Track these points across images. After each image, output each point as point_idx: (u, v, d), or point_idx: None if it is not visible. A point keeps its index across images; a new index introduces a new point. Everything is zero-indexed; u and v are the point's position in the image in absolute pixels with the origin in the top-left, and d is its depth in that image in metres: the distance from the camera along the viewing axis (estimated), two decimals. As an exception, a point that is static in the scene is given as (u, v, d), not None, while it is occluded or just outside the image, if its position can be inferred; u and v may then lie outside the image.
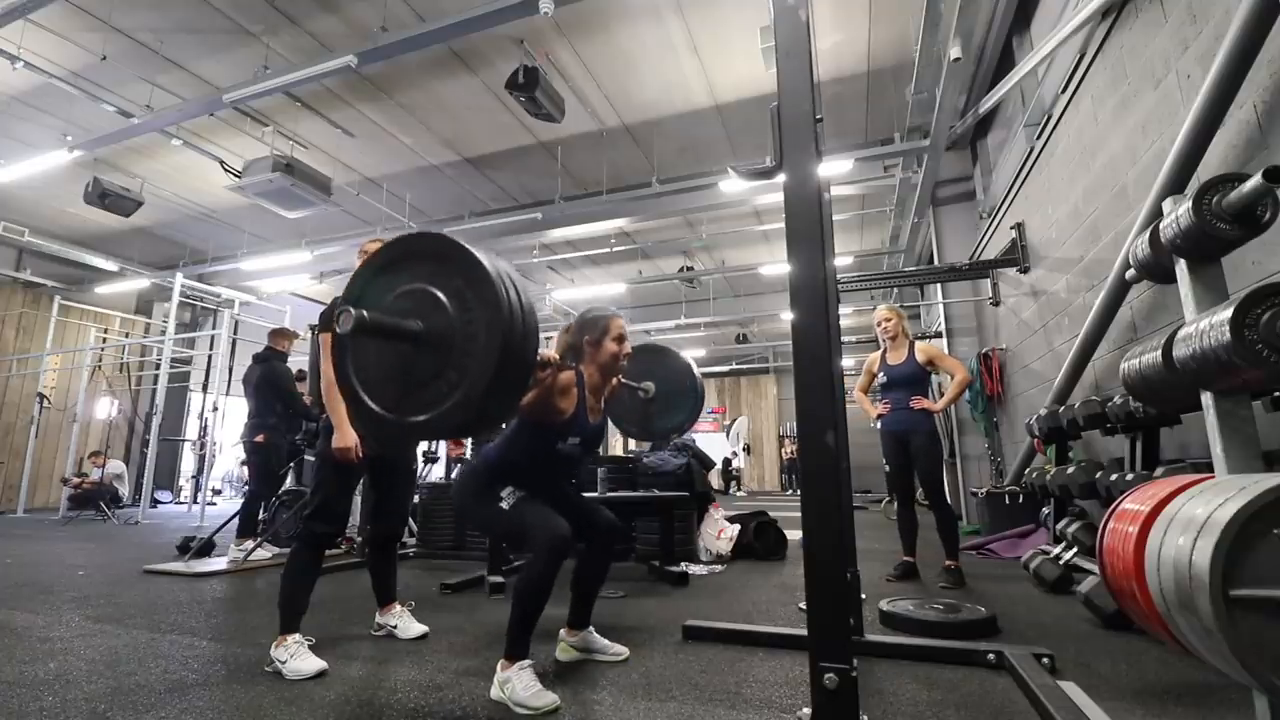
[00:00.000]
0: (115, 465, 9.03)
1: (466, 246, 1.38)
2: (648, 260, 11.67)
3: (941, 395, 3.70)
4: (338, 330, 1.32)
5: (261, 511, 4.61)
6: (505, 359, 1.31)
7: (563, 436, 1.97)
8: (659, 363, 2.62)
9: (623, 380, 2.35)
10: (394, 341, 1.40)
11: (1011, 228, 5.62)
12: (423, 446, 2.78)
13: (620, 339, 2.08)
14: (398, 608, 2.47)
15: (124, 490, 8.97)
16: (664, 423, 2.60)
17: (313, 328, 4.81)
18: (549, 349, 1.96)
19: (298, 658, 1.97)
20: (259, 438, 4.56)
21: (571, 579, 2.14)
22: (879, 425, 3.67)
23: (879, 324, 3.69)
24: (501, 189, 8.71)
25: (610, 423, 2.60)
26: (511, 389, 1.41)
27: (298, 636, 2.05)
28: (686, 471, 4.67)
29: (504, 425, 2.00)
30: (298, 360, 5.10)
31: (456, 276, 1.37)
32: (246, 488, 4.80)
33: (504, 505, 1.87)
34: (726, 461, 15.58)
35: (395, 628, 2.41)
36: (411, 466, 2.57)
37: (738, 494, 14.79)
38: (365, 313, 1.32)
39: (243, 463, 4.75)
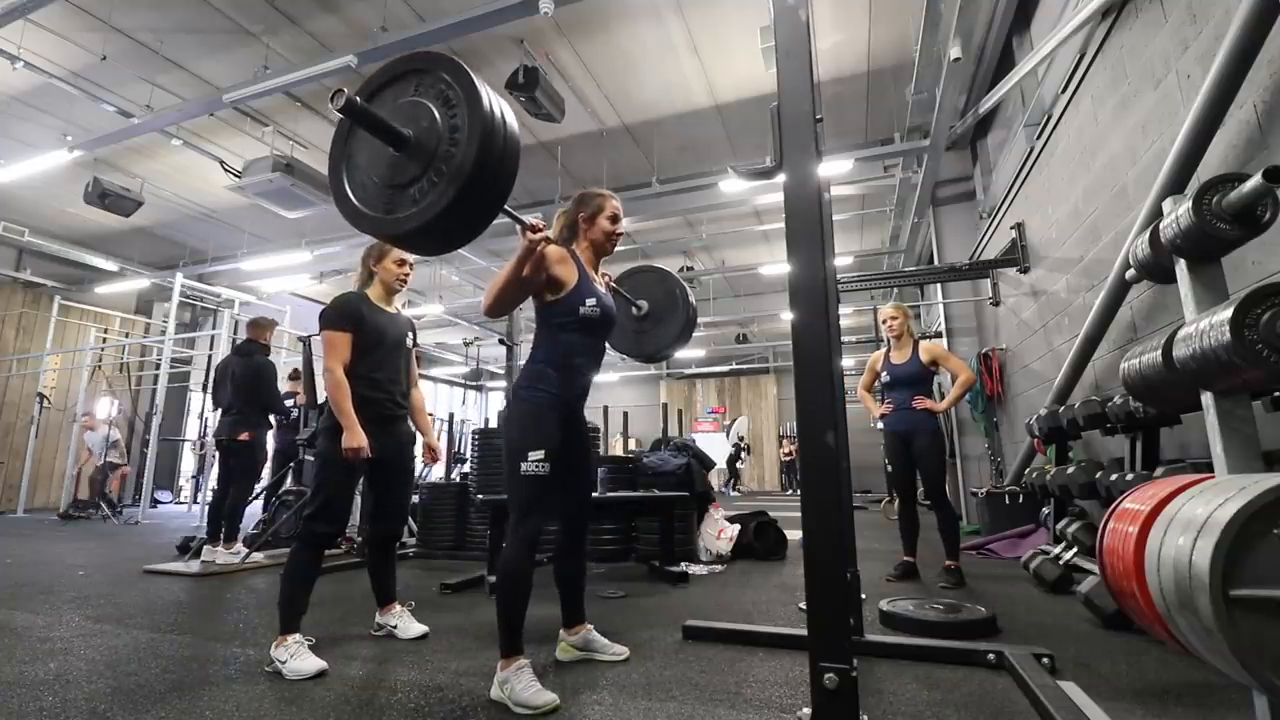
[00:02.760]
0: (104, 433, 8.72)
1: (462, 64, 1.46)
2: (648, 260, 11.66)
3: (944, 395, 3.70)
4: (332, 106, 1.39)
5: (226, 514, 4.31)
6: (482, 163, 1.38)
7: (581, 300, 1.96)
8: (655, 283, 2.64)
9: (618, 288, 2.37)
10: (383, 143, 1.47)
11: (1011, 228, 5.62)
12: (418, 449, 2.78)
13: (614, 219, 2.09)
14: (398, 608, 2.46)
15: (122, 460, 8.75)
16: (656, 342, 2.62)
17: (302, 339, 4.84)
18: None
19: (298, 658, 1.97)
20: (243, 435, 4.31)
21: (554, 576, 2.15)
22: (881, 425, 3.67)
23: (884, 322, 3.69)
24: (501, 189, 8.69)
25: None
26: (487, 196, 1.46)
27: (298, 636, 2.04)
28: (686, 471, 4.67)
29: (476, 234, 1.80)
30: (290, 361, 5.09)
31: (446, 87, 1.45)
32: (216, 487, 4.50)
33: (523, 467, 1.85)
34: (736, 452, 15.51)
35: (395, 628, 2.41)
36: (410, 466, 2.57)
37: (733, 494, 14.76)
38: (357, 98, 1.40)
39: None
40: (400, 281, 2.49)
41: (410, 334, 2.55)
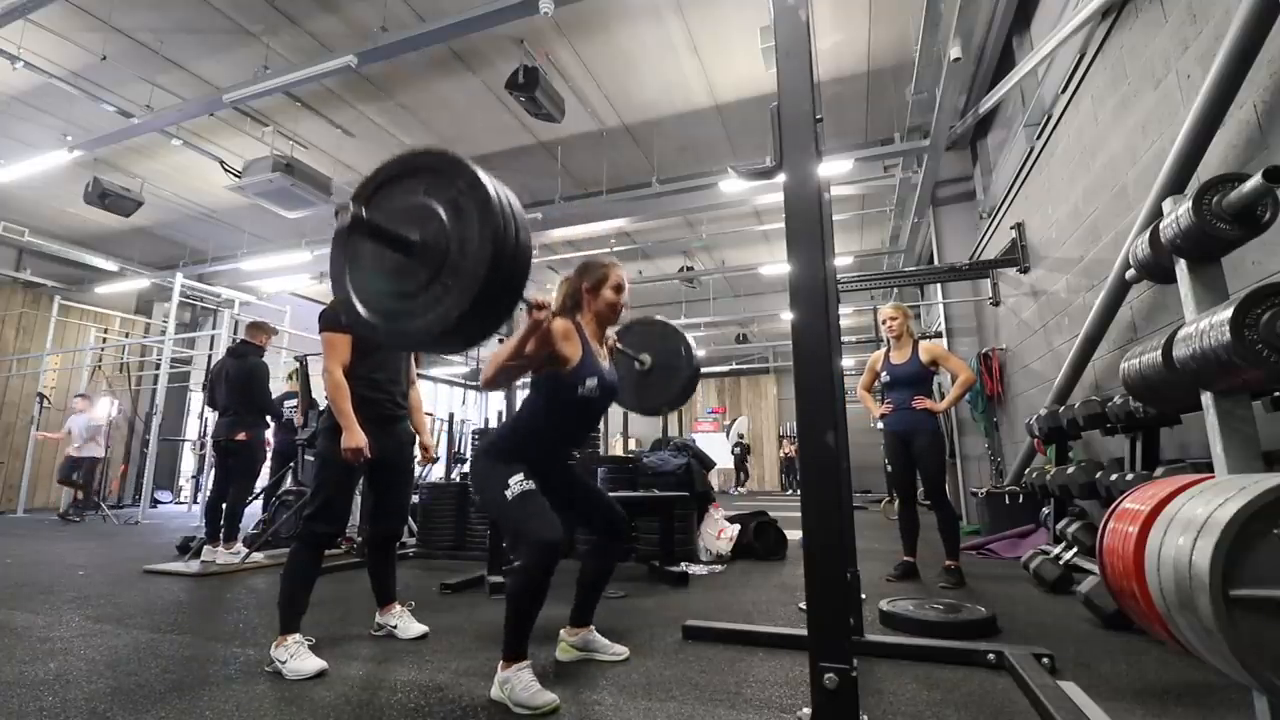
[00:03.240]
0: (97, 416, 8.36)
1: (466, 161, 1.42)
2: (648, 260, 11.66)
3: (944, 395, 3.70)
4: (336, 225, 1.36)
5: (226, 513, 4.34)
6: (496, 266, 1.34)
7: (581, 379, 1.93)
8: (657, 336, 2.62)
9: (620, 347, 2.34)
10: (390, 250, 1.43)
11: (1011, 228, 5.62)
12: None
13: (619, 288, 2.06)
14: (397, 608, 2.47)
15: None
16: (659, 396, 2.59)
17: (299, 359, 4.85)
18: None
19: (297, 658, 1.97)
20: (240, 436, 4.35)
21: (577, 576, 2.14)
22: (881, 425, 3.67)
23: (884, 322, 3.69)
24: (501, 189, 8.69)
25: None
26: (500, 300, 1.43)
27: (298, 636, 2.05)
28: (686, 471, 4.67)
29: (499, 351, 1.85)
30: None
31: (454, 189, 1.41)
32: (213, 487, 4.55)
33: (507, 494, 1.81)
34: (743, 453, 15.58)
35: (395, 628, 2.41)
36: (410, 466, 2.57)
37: (740, 491, 14.82)
38: (363, 211, 1.36)
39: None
40: None
41: None
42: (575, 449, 2.06)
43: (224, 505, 4.33)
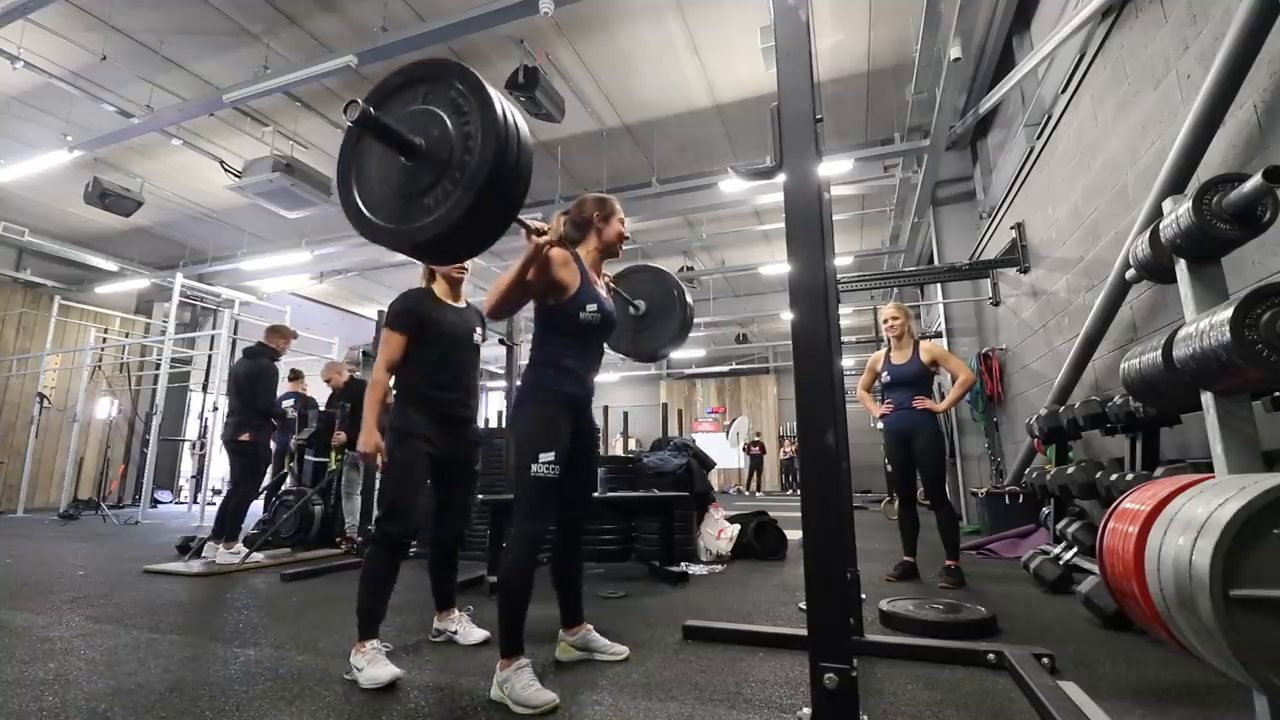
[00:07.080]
0: None
1: (470, 69, 1.44)
2: (648, 260, 11.66)
3: (944, 395, 3.70)
4: (346, 117, 1.39)
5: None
6: (498, 168, 1.37)
7: (581, 306, 1.96)
8: (652, 283, 2.66)
9: (618, 289, 2.38)
10: (395, 152, 1.46)
11: (1011, 228, 5.62)
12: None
13: (622, 222, 2.13)
14: (457, 612, 2.41)
15: None
16: (654, 342, 2.63)
17: (295, 373, 4.82)
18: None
19: (374, 664, 1.91)
20: (244, 436, 4.39)
21: (551, 579, 2.13)
22: (881, 425, 3.67)
23: (885, 322, 3.69)
24: (501, 189, 8.70)
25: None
26: (502, 204, 1.45)
27: (376, 643, 1.99)
28: (686, 471, 4.67)
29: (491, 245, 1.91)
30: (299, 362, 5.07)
31: (457, 94, 1.44)
32: (226, 487, 4.61)
33: (534, 470, 1.85)
34: (761, 453, 15.60)
35: (455, 634, 2.35)
36: (474, 469, 2.51)
37: (758, 493, 14.95)
38: (371, 108, 1.41)
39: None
40: (458, 272, 2.44)
41: (480, 327, 2.49)
42: (593, 377, 2.10)
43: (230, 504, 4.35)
